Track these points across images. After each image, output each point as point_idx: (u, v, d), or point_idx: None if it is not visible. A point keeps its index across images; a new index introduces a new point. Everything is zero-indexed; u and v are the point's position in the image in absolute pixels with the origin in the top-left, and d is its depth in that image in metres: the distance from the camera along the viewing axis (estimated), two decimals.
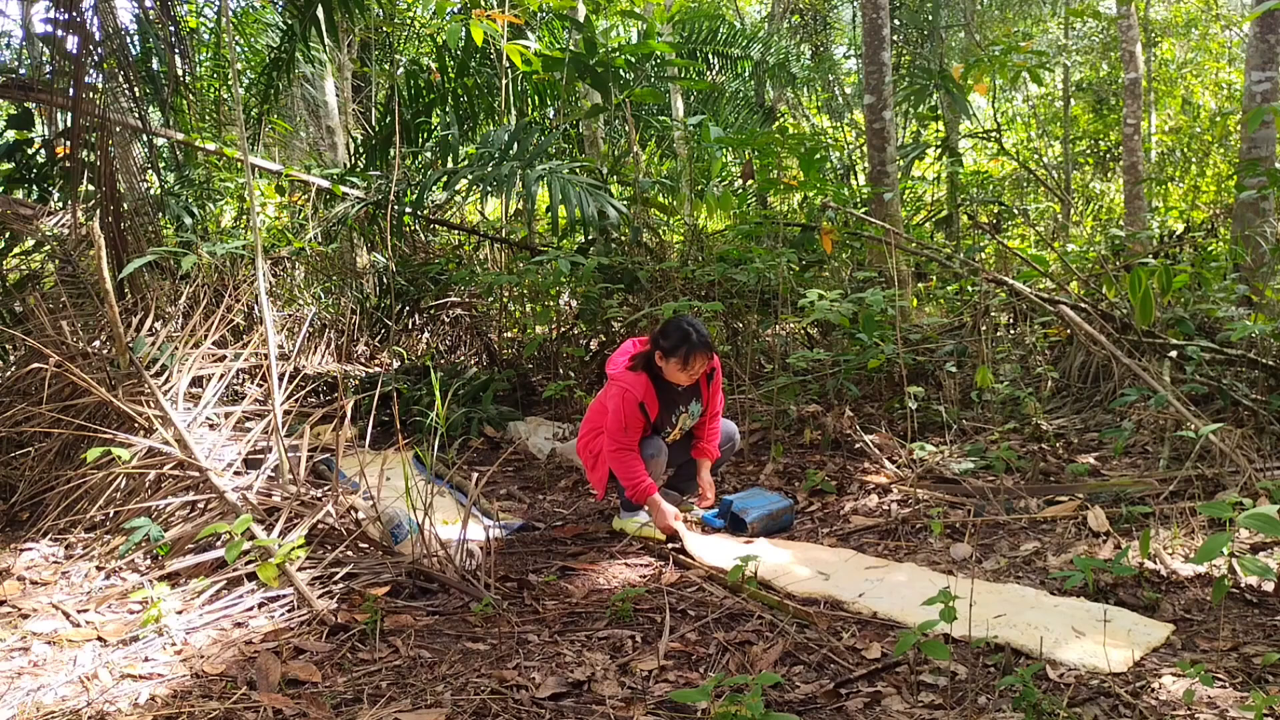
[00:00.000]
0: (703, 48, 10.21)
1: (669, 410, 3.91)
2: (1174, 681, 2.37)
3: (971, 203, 9.05)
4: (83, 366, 4.21)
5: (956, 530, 3.60)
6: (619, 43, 7.80)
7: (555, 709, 2.37)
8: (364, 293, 7.27)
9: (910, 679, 2.48)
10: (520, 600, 3.12)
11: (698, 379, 3.89)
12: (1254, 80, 6.04)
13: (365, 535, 3.39)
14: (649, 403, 3.78)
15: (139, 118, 5.68)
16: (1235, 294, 4.99)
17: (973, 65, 6.22)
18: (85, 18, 4.96)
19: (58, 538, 3.67)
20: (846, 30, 13.69)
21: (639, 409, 3.74)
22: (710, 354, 3.76)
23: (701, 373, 3.83)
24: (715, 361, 3.97)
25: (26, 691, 2.49)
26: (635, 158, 6.99)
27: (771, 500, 3.87)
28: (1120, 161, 10.83)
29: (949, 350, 5.23)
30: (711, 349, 3.77)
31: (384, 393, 5.28)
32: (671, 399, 3.90)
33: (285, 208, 8.11)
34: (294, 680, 2.51)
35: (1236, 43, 12.71)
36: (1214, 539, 2.46)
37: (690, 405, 3.96)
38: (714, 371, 3.99)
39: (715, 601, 3.05)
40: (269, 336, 3.85)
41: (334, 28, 6.58)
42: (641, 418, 3.76)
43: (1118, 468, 4.16)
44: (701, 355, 3.69)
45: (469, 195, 8.08)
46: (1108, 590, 2.96)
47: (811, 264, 6.30)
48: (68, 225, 5.07)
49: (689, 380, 3.80)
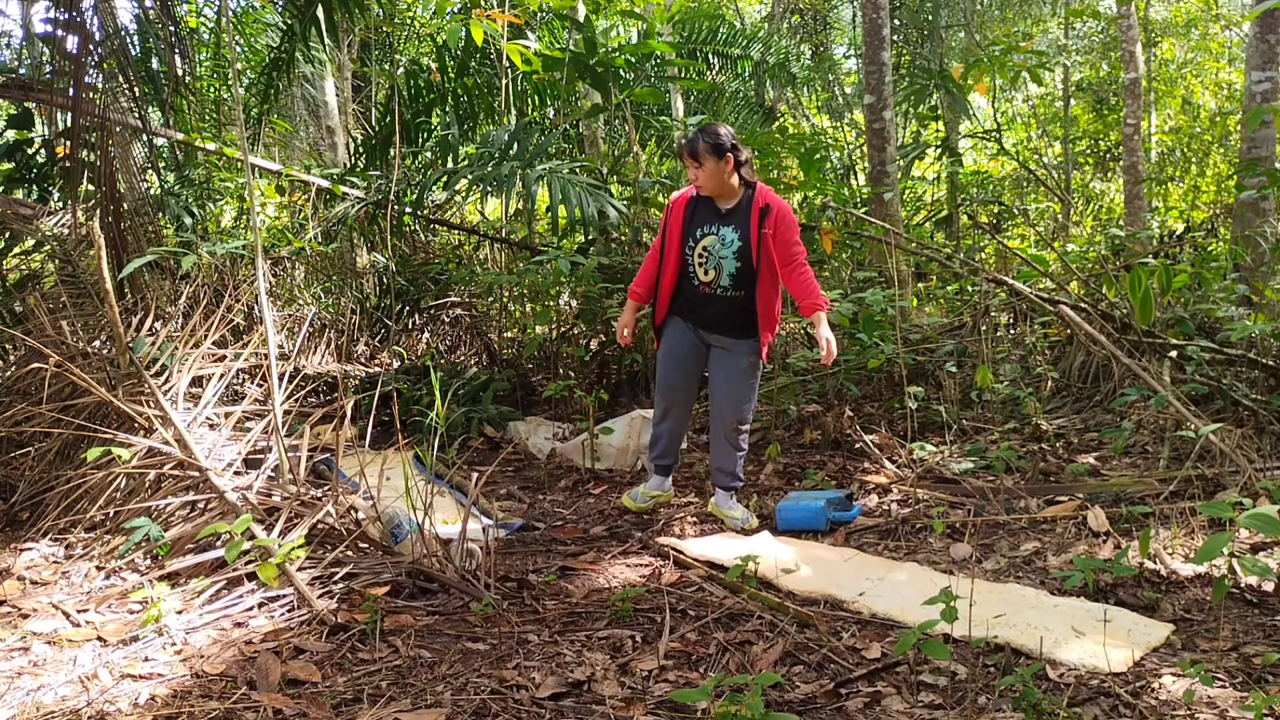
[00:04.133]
0: (703, 48, 10.20)
1: (694, 225, 3.80)
2: (1174, 681, 2.37)
3: (971, 203, 9.05)
4: (83, 366, 4.21)
5: (956, 530, 3.60)
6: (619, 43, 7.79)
7: (555, 709, 2.37)
8: (364, 293, 7.27)
9: (910, 679, 2.48)
10: (520, 600, 3.12)
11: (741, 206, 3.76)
12: (1254, 80, 6.04)
13: (365, 535, 3.39)
14: (675, 212, 3.84)
15: (139, 118, 5.68)
16: (1235, 294, 4.99)
17: (973, 65, 6.23)
18: (85, 18, 4.96)
19: (58, 538, 3.67)
20: (846, 30, 13.68)
21: (667, 211, 3.89)
22: (692, 156, 3.68)
23: (701, 178, 3.72)
24: (770, 197, 3.76)
25: (26, 691, 2.49)
26: (635, 158, 6.99)
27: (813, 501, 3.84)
28: (1120, 161, 10.83)
29: (949, 350, 5.23)
30: (694, 152, 3.67)
31: (384, 393, 5.28)
32: (702, 215, 3.80)
33: (285, 208, 8.11)
34: (294, 680, 2.51)
35: (1236, 43, 12.71)
36: (1214, 539, 2.46)
37: (720, 229, 3.75)
38: (768, 208, 3.72)
39: (715, 601, 3.05)
40: (269, 336, 3.85)
41: (334, 28, 6.58)
42: (664, 222, 3.89)
43: (1118, 468, 4.16)
44: (685, 154, 3.71)
45: (469, 195, 8.07)
46: (1108, 590, 2.96)
47: (811, 264, 6.29)
48: (68, 225, 5.07)
49: (696, 184, 3.76)
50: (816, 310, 3.67)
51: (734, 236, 3.73)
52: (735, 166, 3.72)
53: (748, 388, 3.87)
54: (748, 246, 3.72)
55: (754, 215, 3.73)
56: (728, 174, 3.71)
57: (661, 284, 3.92)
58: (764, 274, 3.75)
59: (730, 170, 3.71)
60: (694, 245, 3.80)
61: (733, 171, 3.72)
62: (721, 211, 3.78)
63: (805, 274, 3.72)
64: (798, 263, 3.72)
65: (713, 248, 3.77)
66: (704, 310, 3.86)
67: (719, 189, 3.76)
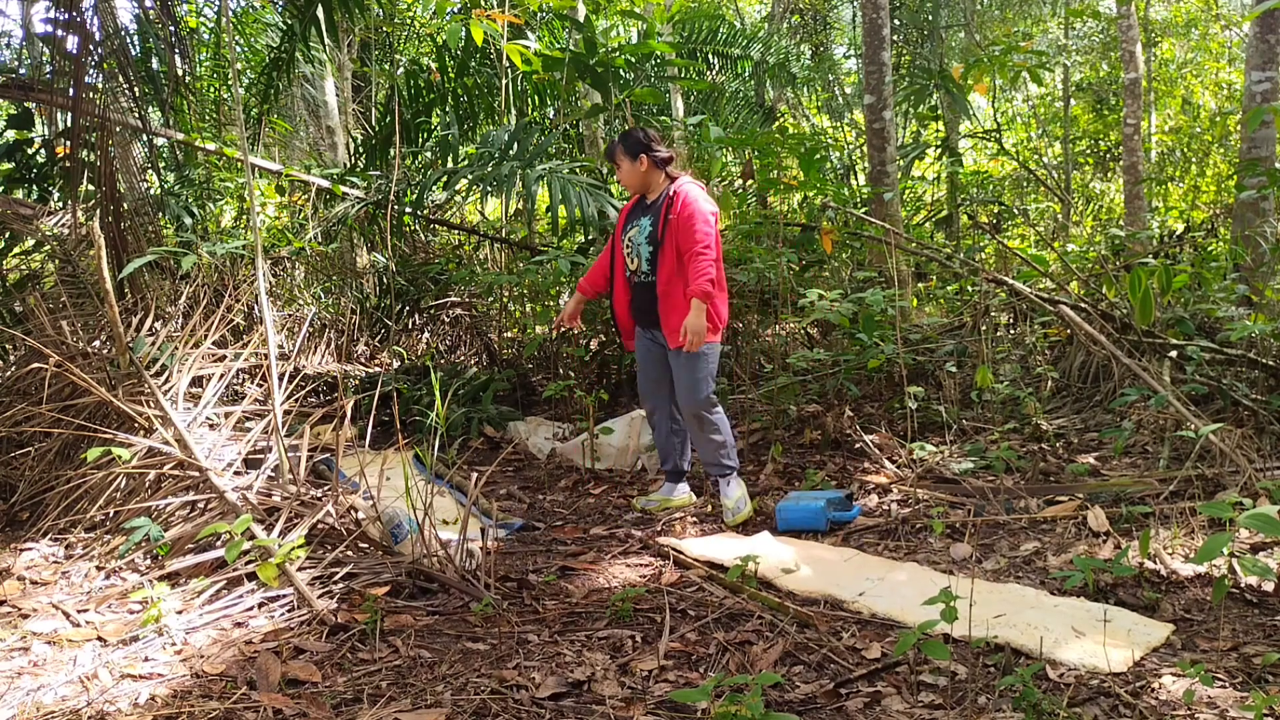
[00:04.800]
0: (703, 48, 10.19)
1: (628, 222, 4.17)
2: (1174, 681, 2.37)
3: (971, 203, 9.05)
4: (83, 366, 4.21)
5: (956, 530, 3.60)
6: (619, 43, 7.78)
7: (555, 709, 2.37)
8: (364, 293, 7.27)
9: (910, 679, 2.48)
10: (520, 600, 3.12)
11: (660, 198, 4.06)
12: (1254, 80, 6.04)
13: (365, 535, 3.39)
14: (621, 215, 4.26)
15: (139, 118, 5.68)
16: (1235, 294, 4.99)
17: (973, 65, 6.22)
18: (85, 18, 4.96)
19: (58, 538, 3.67)
20: (846, 30, 13.68)
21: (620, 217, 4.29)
22: (610, 158, 4.15)
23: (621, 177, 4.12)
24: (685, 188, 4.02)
25: (26, 691, 2.49)
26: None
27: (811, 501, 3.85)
28: (1120, 161, 10.83)
29: (949, 350, 5.23)
30: (611, 155, 4.12)
31: (384, 393, 5.28)
32: (633, 212, 4.18)
33: (285, 208, 8.11)
34: (294, 680, 2.51)
35: (1236, 43, 12.71)
36: (1214, 539, 2.46)
37: (641, 220, 4.10)
38: (675, 196, 4.00)
39: (715, 601, 3.05)
40: (269, 336, 3.85)
41: (334, 28, 6.58)
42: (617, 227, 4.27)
43: (1118, 468, 4.16)
44: (607, 157, 4.24)
45: (469, 195, 8.07)
46: (1108, 590, 2.96)
47: (811, 264, 6.29)
48: (68, 225, 5.07)
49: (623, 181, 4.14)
50: (692, 295, 3.84)
51: (648, 223, 4.07)
52: (654, 165, 4.05)
53: (692, 376, 3.97)
54: (655, 231, 4.02)
55: (664, 203, 4.02)
56: (645, 172, 4.05)
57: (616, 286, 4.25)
58: (665, 257, 4.00)
59: (647, 168, 4.05)
60: (626, 239, 4.15)
61: (650, 169, 4.05)
62: (646, 205, 4.14)
63: (698, 262, 3.86)
64: (694, 251, 3.88)
65: (635, 238, 4.11)
66: (638, 303, 4.16)
67: (640, 186, 4.13)
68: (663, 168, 4.08)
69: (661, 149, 4.06)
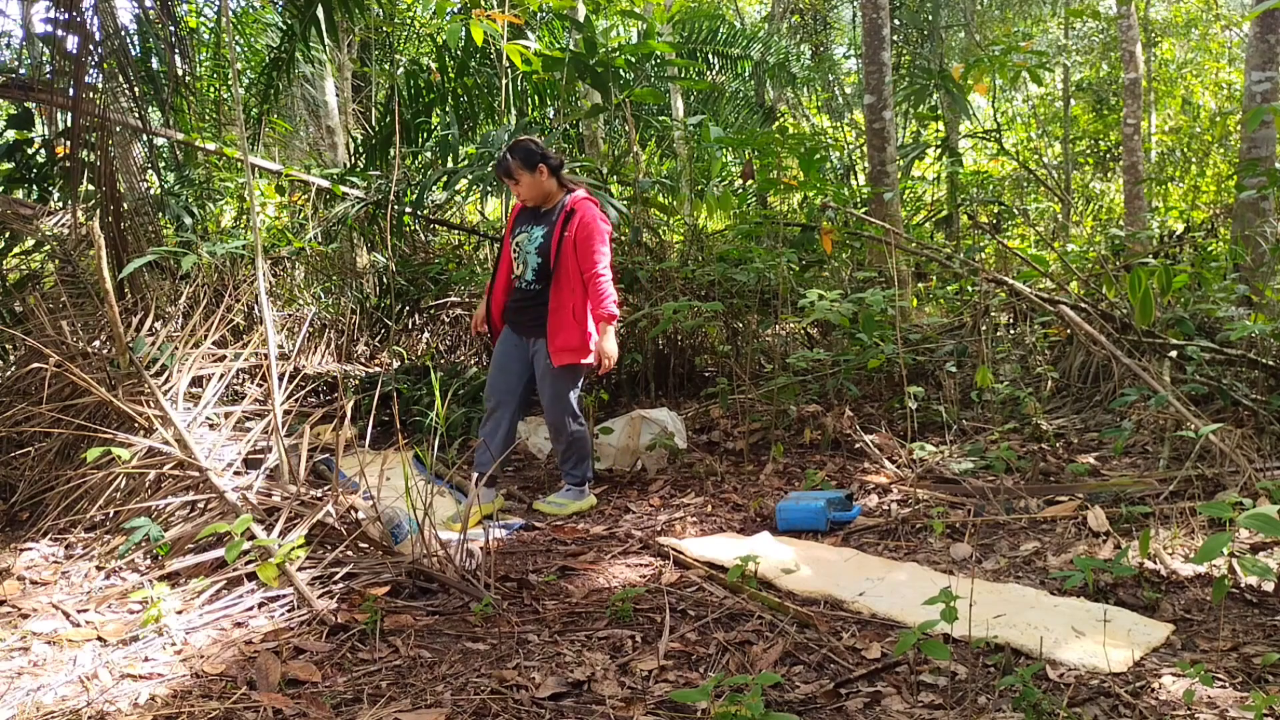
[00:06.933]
0: (703, 48, 10.19)
1: (517, 227, 4.17)
2: (1174, 681, 2.37)
3: (971, 203, 9.04)
4: (83, 366, 4.21)
5: (956, 530, 3.60)
6: (619, 43, 7.78)
7: (555, 709, 2.37)
8: (364, 293, 7.27)
9: (910, 679, 2.48)
10: (520, 600, 3.12)
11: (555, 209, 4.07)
12: (1254, 80, 6.04)
13: (365, 535, 3.39)
14: (510, 218, 4.28)
15: (139, 118, 5.68)
16: (1235, 294, 4.99)
17: (973, 65, 6.23)
18: (85, 18, 4.96)
19: (58, 538, 3.67)
20: (846, 30, 13.69)
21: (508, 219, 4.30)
22: (507, 175, 4.02)
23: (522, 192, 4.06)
24: (580, 205, 4.03)
25: (26, 691, 2.49)
26: (635, 158, 6.99)
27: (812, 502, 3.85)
28: (1120, 161, 10.83)
29: (949, 350, 5.23)
30: (508, 170, 4.01)
31: (384, 393, 5.28)
32: (523, 217, 4.17)
33: (285, 208, 8.11)
34: (294, 680, 2.51)
35: (1236, 43, 12.71)
36: (1214, 539, 2.46)
37: (531, 228, 4.09)
38: (573, 213, 4.00)
39: (715, 601, 3.05)
40: (269, 336, 3.85)
41: (334, 28, 6.58)
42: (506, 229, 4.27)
43: (1118, 468, 4.16)
44: (501, 175, 4.09)
45: (469, 195, 8.07)
46: (1108, 590, 2.96)
47: (811, 264, 6.30)
48: (68, 225, 5.07)
49: (520, 199, 4.13)
50: (601, 320, 3.96)
51: (539, 233, 4.06)
52: (550, 173, 4.04)
53: (555, 393, 4.07)
54: (548, 244, 4.03)
55: (560, 217, 4.01)
56: (545, 181, 4.04)
57: (496, 286, 4.24)
58: (560, 274, 3.99)
59: (546, 177, 4.04)
60: (515, 243, 4.15)
61: (549, 178, 4.04)
62: (539, 213, 4.13)
63: (598, 283, 3.97)
64: (596, 273, 3.97)
65: (524, 244, 4.10)
66: (516, 307, 4.16)
67: (540, 198, 4.10)
68: (557, 175, 4.07)
69: (553, 155, 4.05)
